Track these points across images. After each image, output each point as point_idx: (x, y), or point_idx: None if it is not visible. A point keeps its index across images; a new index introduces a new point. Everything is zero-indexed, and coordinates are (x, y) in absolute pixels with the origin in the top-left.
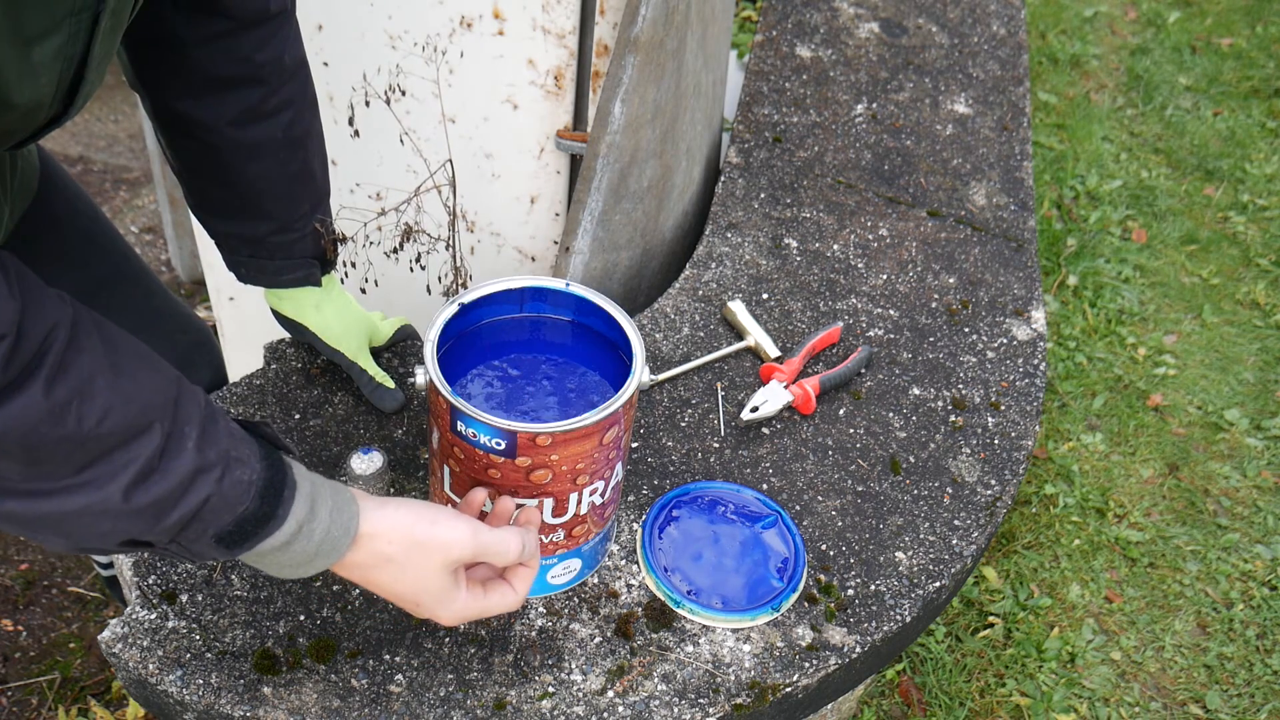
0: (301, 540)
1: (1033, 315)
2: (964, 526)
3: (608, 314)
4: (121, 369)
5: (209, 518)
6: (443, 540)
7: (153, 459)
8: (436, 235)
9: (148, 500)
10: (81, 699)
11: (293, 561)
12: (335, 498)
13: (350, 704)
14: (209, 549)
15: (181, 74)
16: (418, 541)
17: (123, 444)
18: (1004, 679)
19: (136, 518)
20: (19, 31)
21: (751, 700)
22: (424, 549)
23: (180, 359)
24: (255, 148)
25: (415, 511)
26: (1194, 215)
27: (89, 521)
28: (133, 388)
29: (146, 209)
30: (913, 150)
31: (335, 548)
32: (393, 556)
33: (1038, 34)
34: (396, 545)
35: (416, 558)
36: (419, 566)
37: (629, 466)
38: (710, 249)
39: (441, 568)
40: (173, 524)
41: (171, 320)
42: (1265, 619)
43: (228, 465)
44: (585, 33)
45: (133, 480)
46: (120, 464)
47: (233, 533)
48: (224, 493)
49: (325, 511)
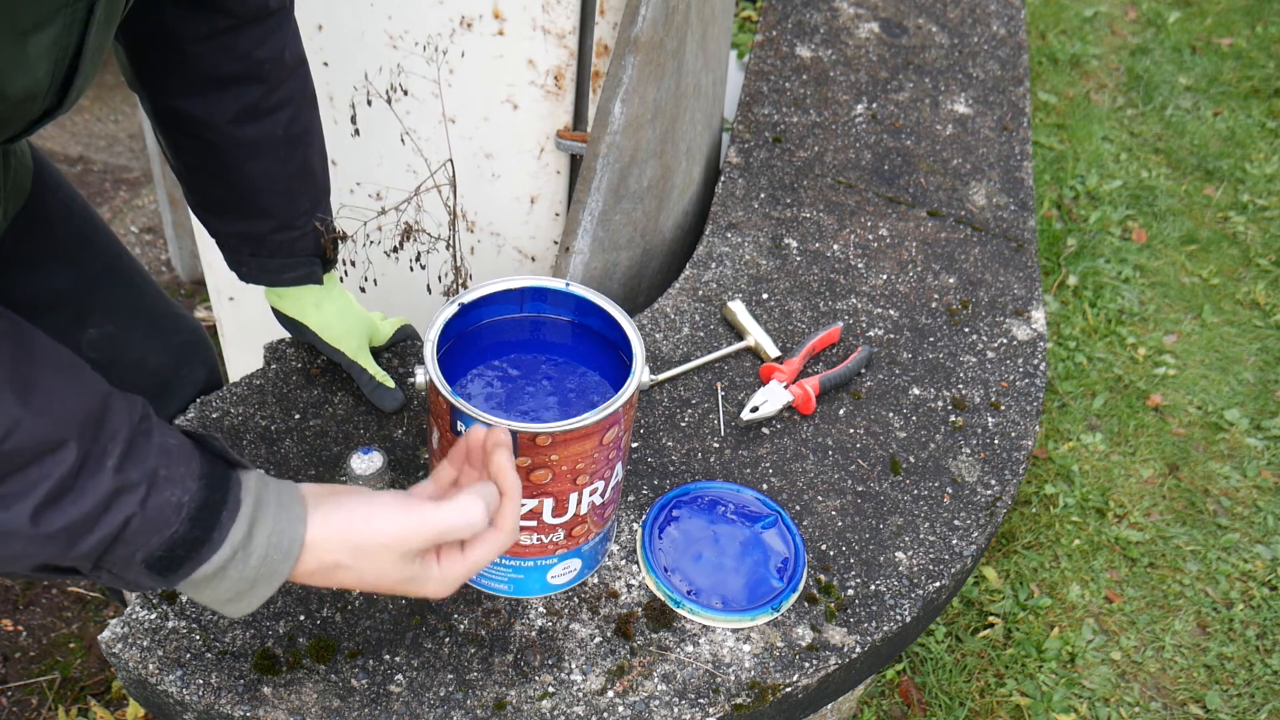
0: (236, 565)
1: (1033, 315)
2: (964, 526)
3: (608, 314)
4: (33, 382)
5: (133, 540)
6: (386, 537)
7: (66, 478)
8: (436, 235)
9: (61, 523)
10: (81, 699)
11: (232, 591)
12: (279, 517)
13: (350, 704)
14: (140, 576)
15: (181, 71)
16: (358, 546)
17: (31, 461)
18: (1004, 679)
19: (48, 542)
20: (14, 23)
21: (751, 700)
22: (366, 551)
23: (174, 358)
24: (255, 145)
25: (350, 512)
26: (1194, 215)
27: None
28: (43, 401)
29: (146, 209)
30: (913, 150)
31: (275, 571)
32: (340, 562)
33: (1038, 34)
34: (338, 552)
35: (365, 560)
36: (372, 567)
37: (629, 466)
38: (710, 249)
39: (398, 560)
40: (90, 549)
41: (165, 320)
42: (1265, 619)
43: (154, 484)
44: (585, 33)
45: (42, 501)
46: (29, 483)
47: (163, 558)
48: (148, 514)
49: (264, 535)
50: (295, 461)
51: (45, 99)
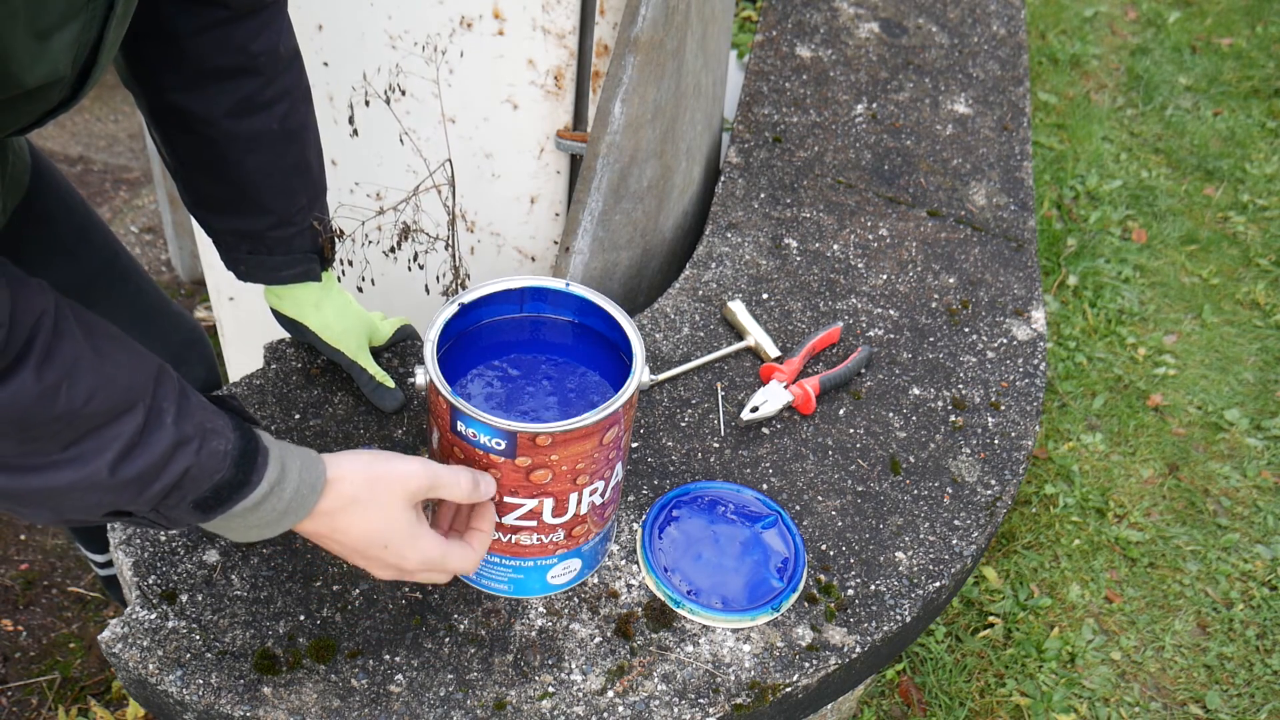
0: (273, 499)
1: (1033, 315)
2: (964, 526)
3: (608, 314)
4: (103, 352)
5: (188, 487)
6: (400, 473)
7: (135, 435)
8: (435, 235)
9: (133, 473)
10: (81, 699)
11: (262, 521)
12: (304, 458)
13: (350, 704)
14: (186, 515)
15: (177, 66)
16: (377, 476)
17: (108, 422)
18: (1004, 679)
19: (122, 490)
20: (41, 19)
21: (751, 700)
22: (384, 482)
23: (172, 356)
24: (252, 140)
25: (370, 453)
26: (1194, 215)
27: (78, 495)
28: (114, 370)
29: (146, 209)
30: (913, 150)
31: (304, 503)
32: (356, 496)
33: (1038, 34)
34: (358, 484)
35: (379, 493)
36: (382, 503)
37: (629, 466)
38: (710, 249)
39: (404, 501)
40: (155, 494)
41: (163, 318)
42: (1265, 619)
43: (204, 437)
44: (585, 33)
45: (118, 455)
46: (107, 440)
47: (209, 498)
48: (202, 463)
49: (295, 471)
50: None
51: (63, 90)
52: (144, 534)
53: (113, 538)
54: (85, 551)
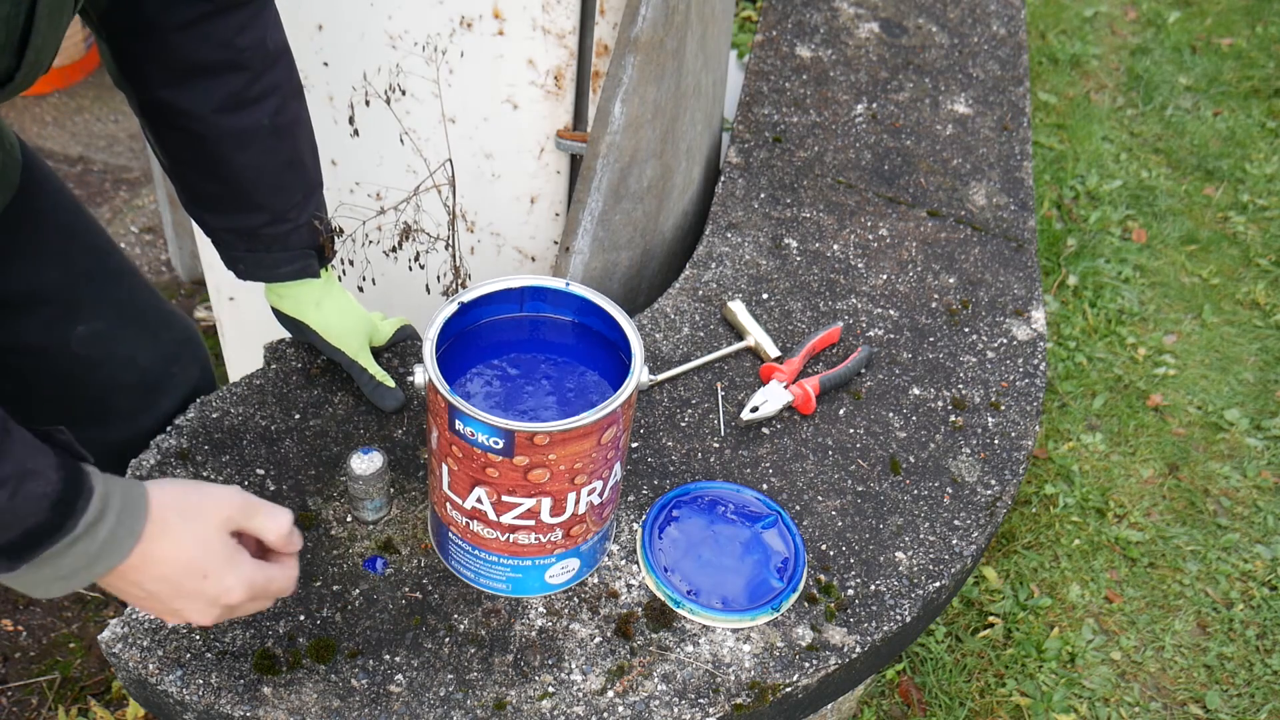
0: (84, 542)
1: (1033, 315)
2: (964, 526)
3: (607, 314)
4: None
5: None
6: (214, 500)
7: None
8: (435, 235)
9: None
10: (81, 699)
11: (69, 568)
12: (125, 497)
13: (350, 704)
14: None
15: (163, 61)
16: (191, 504)
17: None
18: (1004, 679)
19: None
20: None
21: (751, 700)
22: (199, 509)
23: (166, 357)
24: (242, 136)
25: (183, 483)
26: (1194, 215)
27: None
28: None
29: (146, 209)
30: (913, 150)
31: (119, 548)
32: (169, 521)
33: (1038, 34)
34: (171, 510)
35: (193, 521)
36: (198, 530)
37: (629, 466)
38: (710, 249)
39: (220, 527)
40: None
41: (155, 316)
42: (1265, 619)
43: (22, 480)
44: (585, 33)
45: None
46: None
47: (15, 544)
48: (16, 508)
49: (113, 514)
50: (295, 461)
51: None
52: None
53: None
54: None
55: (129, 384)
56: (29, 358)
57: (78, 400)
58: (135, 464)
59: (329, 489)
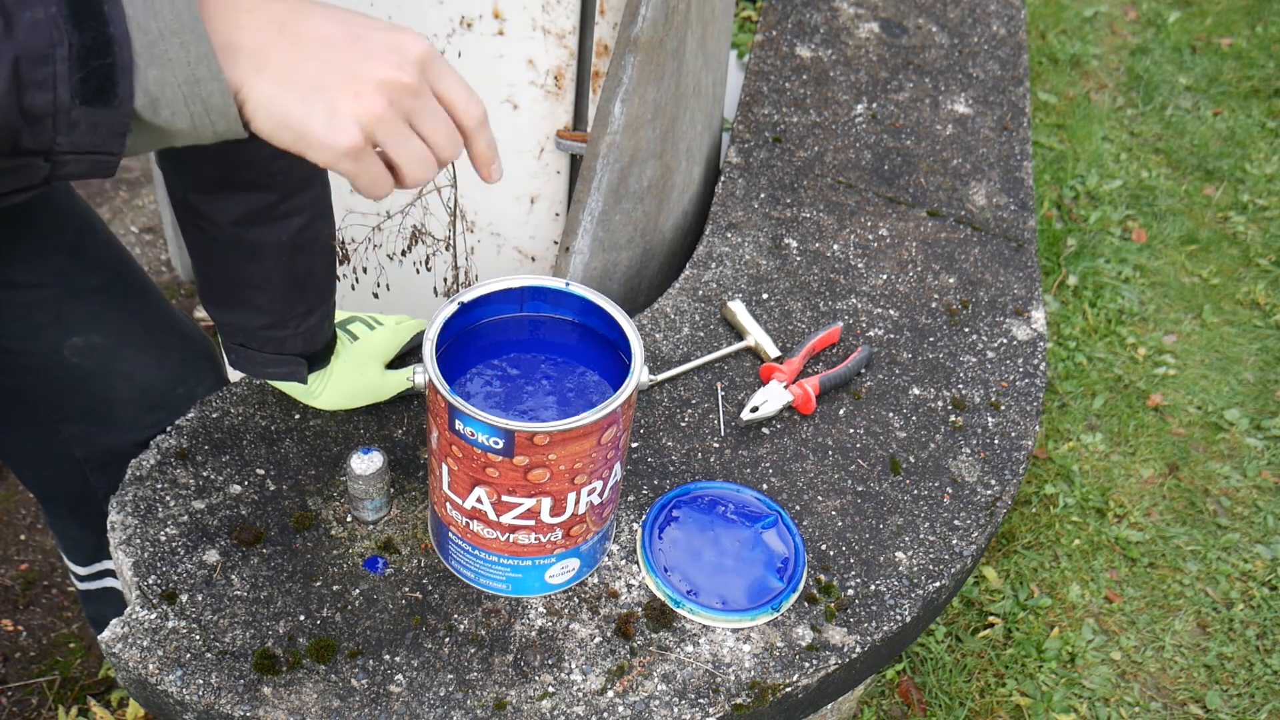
0: (152, 22)
1: (1033, 315)
2: (964, 526)
3: (607, 314)
4: None
5: (34, 76)
6: None
7: None
8: (440, 237)
9: None
10: (81, 699)
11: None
12: None
13: (350, 704)
14: (96, 118)
15: (196, 169)
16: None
17: None
18: (1004, 679)
19: None
20: None
21: (751, 700)
22: None
23: (169, 376)
24: (257, 248)
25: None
26: (1194, 215)
27: None
28: None
29: (146, 209)
30: (913, 150)
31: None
32: None
33: (1038, 34)
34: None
35: None
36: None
37: (629, 466)
38: (710, 249)
39: None
40: (7, 112)
41: (162, 338)
42: (1265, 619)
43: (7, 12)
44: (585, 33)
45: None
46: None
47: (87, 80)
48: (24, 43)
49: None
50: (295, 461)
51: None
52: (144, 534)
53: (113, 538)
54: (68, 562)
55: (128, 398)
56: (24, 357)
57: (75, 401)
58: (135, 464)
59: (329, 489)
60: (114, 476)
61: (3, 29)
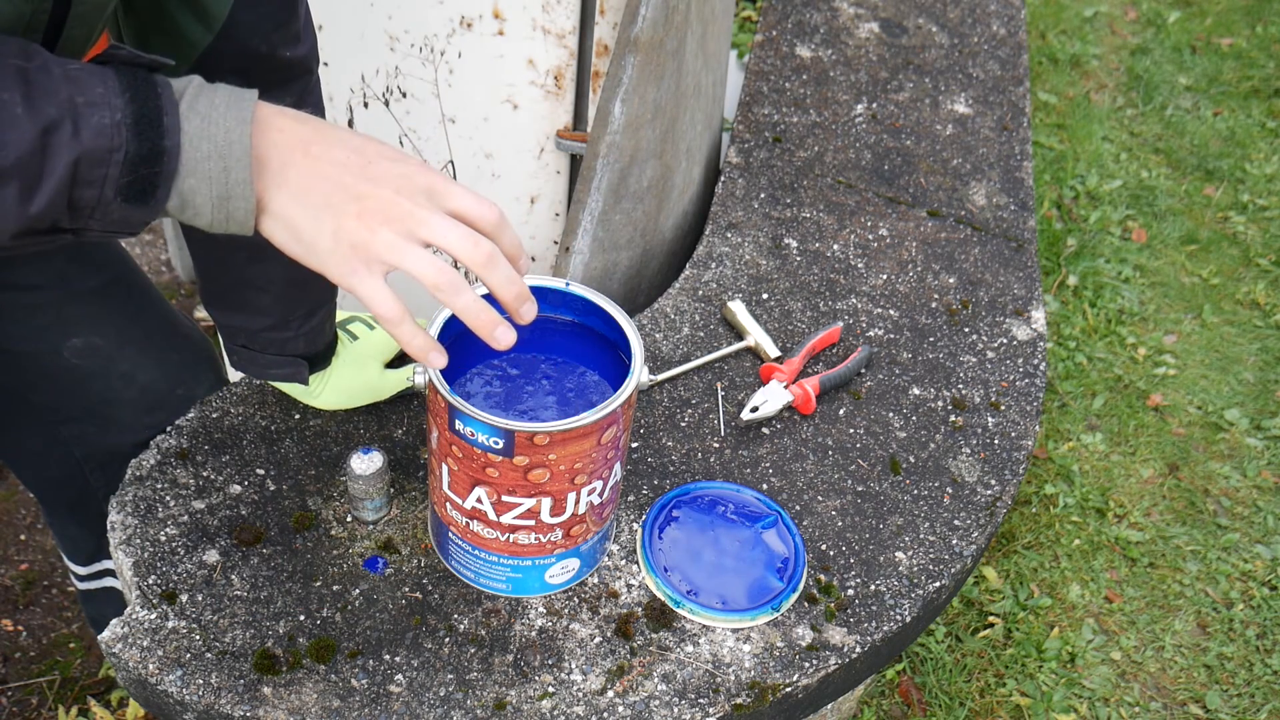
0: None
1: (1033, 315)
2: (964, 526)
3: (607, 314)
4: None
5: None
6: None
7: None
8: None
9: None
10: (81, 699)
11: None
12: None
13: (350, 704)
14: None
15: None
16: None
17: None
18: (1004, 679)
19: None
20: None
21: (751, 700)
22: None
23: (169, 378)
24: (259, 250)
25: None
26: (1194, 215)
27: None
28: None
29: None
30: (913, 150)
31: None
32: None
33: (1038, 34)
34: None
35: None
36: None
37: (629, 466)
38: (710, 249)
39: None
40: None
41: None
42: (1265, 619)
43: (77, 114)
44: (585, 33)
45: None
46: None
47: (133, 184)
48: (86, 145)
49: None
50: (295, 461)
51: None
52: (144, 534)
53: (113, 538)
54: (68, 562)
55: (128, 398)
56: (24, 358)
57: (75, 402)
58: (135, 464)
59: (329, 489)
60: (114, 476)
61: (71, 131)
